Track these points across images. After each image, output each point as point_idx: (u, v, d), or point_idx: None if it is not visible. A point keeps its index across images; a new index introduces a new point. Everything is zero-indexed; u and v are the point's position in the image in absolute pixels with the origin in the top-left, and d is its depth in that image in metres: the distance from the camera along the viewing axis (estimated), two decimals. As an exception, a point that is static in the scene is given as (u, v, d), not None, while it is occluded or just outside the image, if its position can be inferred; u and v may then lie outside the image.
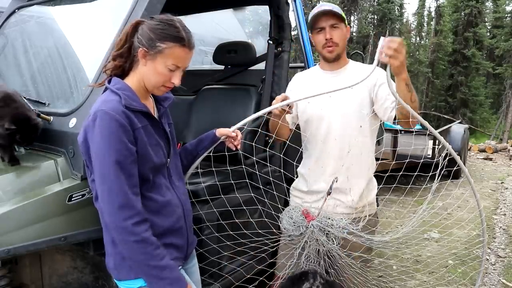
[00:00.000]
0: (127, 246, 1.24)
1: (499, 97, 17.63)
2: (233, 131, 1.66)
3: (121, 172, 1.22)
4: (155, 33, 1.29)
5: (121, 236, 1.23)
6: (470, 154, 9.86)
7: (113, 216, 1.23)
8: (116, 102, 1.27)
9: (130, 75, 1.37)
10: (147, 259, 1.24)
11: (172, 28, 1.30)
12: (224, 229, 1.93)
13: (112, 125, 1.22)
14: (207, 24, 3.20)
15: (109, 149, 1.22)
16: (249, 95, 2.50)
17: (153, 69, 1.31)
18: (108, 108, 1.24)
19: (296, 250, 1.85)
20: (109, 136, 1.22)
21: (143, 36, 1.30)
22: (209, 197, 1.89)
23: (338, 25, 1.84)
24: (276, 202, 2.06)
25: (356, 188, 1.90)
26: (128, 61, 1.36)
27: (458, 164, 1.63)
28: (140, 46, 1.30)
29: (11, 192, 1.49)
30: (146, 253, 1.24)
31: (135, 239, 1.22)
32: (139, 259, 1.24)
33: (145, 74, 1.34)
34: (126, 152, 1.24)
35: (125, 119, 1.25)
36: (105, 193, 1.23)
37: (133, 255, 1.25)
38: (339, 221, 1.80)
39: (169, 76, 1.33)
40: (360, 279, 1.87)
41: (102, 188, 1.23)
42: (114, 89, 1.31)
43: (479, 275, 1.84)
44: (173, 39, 1.29)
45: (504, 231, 4.67)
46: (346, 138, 1.86)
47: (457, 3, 17.90)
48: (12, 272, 1.78)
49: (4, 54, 2.37)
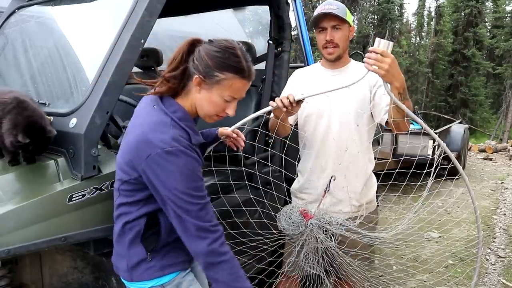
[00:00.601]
0: (214, 268, 1.24)
1: (499, 97, 17.62)
2: (233, 131, 1.66)
3: (197, 203, 1.22)
4: (214, 61, 1.21)
5: (207, 259, 1.23)
6: (470, 154, 9.86)
7: (199, 241, 1.23)
8: (187, 139, 1.23)
9: (182, 96, 1.31)
10: (234, 280, 1.25)
11: (233, 57, 1.22)
12: (224, 229, 1.93)
13: (189, 163, 1.20)
14: (207, 24, 3.20)
15: (186, 186, 1.19)
16: (249, 95, 2.49)
17: (208, 98, 1.25)
18: (184, 146, 1.20)
19: (295, 248, 1.85)
20: (187, 175, 1.20)
21: (200, 61, 1.22)
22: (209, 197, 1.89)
23: (340, 26, 1.85)
24: (276, 202, 2.06)
25: (354, 186, 1.90)
26: (181, 83, 1.29)
27: (452, 161, 1.64)
28: (196, 72, 1.23)
29: (11, 192, 1.49)
30: (232, 273, 1.25)
31: (224, 259, 1.24)
32: (226, 279, 1.24)
33: (198, 101, 1.28)
34: (202, 187, 1.25)
35: (196, 154, 1.24)
36: (188, 226, 1.22)
37: (219, 277, 1.24)
38: (336, 218, 1.81)
39: (223, 107, 1.28)
40: (359, 277, 1.87)
41: (180, 222, 1.22)
42: (176, 118, 1.25)
43: (475, 271, 1.85)
44: (233, 71, 1.22)
45: (504, 231, 4.66)
46: (344, 136, 1.86)
47: (457, 3, 17.88)
48: (12, 272, 1.78)
49: (4, 54, 2.37)
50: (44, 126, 1.54)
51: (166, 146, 1.17)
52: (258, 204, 2.05)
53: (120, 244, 1.37)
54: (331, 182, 1.84)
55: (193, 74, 1.24)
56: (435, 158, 1.67)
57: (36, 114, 1.55)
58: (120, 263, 1.39)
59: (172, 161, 1.17)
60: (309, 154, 1.96)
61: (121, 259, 1.38)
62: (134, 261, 1.34)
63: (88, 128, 1.53)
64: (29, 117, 1.53)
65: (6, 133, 1.51)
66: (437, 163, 1.68)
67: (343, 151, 1.86)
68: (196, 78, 1.23)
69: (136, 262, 1.34)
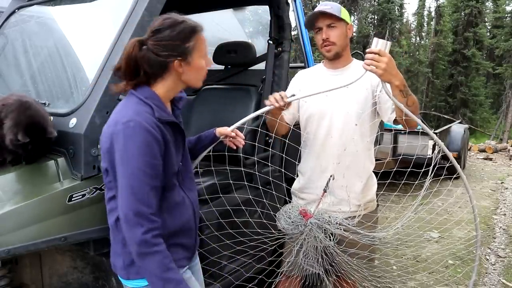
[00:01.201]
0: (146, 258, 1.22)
1: (499, 97, 17.61)
2: (232, 131, 1.66)
3: (147, 184, 1.22)
4: (178, 38, 1.27)
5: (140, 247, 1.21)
6: (470, 154, 9.86)
7: (134, 227, 1.21)
8: (149, 114, 1.25)
9: (157, 85, 1.34)
10: (164, 271, 1.23)
11: (183, 25, 1.29)
12: (224, 229, 1.93)
13: (147, 138, 1.21)
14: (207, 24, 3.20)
15: (140, 160, 1.20)
16: (249, 95, 2.50)
17: (194, 68, 1.33)
18: (143, 119, 1.22)
19: (294, 248, 1.86)
20: (143, 148, 1.20)
21: (166, 48, 1.27)
22: (209, 197, 1.89)
23: (335, 24, 1.85)
24: (276, 202, 2.06)
25: (355, 186, 1.90)
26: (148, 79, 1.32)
27: (450, 160, 1.65)
28: (171, 59, 1.28)
29: (11, 192, 1.49)
30: (163, 265, 1.23)
31: (155, 250, 1.22)
32: (156, 272, 1.23)
33: (186, 78, 1.34)
34: (156, 166, 1.24)
35: (159, 133, 1.24)
36: (131, 201, 1.21)
37: (151, 267, 1.23)
38: (336, 217, 1.81)
39: (205, 64, 1.37)
40: (358, 276, 1.88)
41: (128, 198, 1.21)
42: (144, 98, 1.29)
43: (474, 270, 1.86)
44: (192, 32, 1.30)
45: (504, 231, 4.66)
46: (344, 136, 1.87)
47: (457, 3, 17.88)
48: (12, 272, 1.78)
49: (4, 54, 2.37)
50: (45, 127, 1.54)
51: (126, 120, 1.22)
52: (258, 204, 2.05)
53: (116, 241, 1.37)
54: (329, 181, 1.84)
55: (169, 63, 1.28)
56: (433, 157, 1.68)
57: (38, 115, 1.56)
58: (117, 261, 1.38)
59: (130, 135, 1.20)
60: (310, 154, 1.96)
61: (118, 256, 1.37)
62: (131, 259, 1.32)
63: (88, 128, 1.53)
64: (31, 117, 1.53)
65: (7, 131, 1.51)
66: (435, 162, 1.69)
67: (343, 151, 1.86)
68: (176, 62, 1.29)
69: (133, 260, 1.32)
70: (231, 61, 2.72)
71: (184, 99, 1.50)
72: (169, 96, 1.39)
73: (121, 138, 1.21)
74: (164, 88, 1.34)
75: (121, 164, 1.22)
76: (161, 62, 1.28)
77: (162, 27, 1.28)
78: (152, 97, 1.30)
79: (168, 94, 1.37)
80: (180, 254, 1.39)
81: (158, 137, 1.24)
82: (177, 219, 1.38)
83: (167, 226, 1.33)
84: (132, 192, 1.21)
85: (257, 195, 2.05)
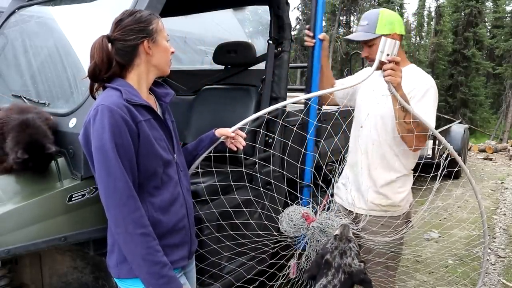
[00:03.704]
0: (132, 239, 1.22)
1: (499, 97, 17.62)
2: (233, 131, 1.66)
3: (123, 165, 1.22)
4: (141, 20, 1.34)
5: (128, 227, 1.22)
6: (470, 154, 9.86)
7: (119, 208, 1.22)
8: (116, 97, 1.27)
9: (129, 75, 1.36)
10: (150, 253, 1.23)
11: (141, 11, 1.37)
12: (224, 230, 1.93)
13: (113, 119, 1.22)
14: (207, 24, 3.21)
15: (111, 142, 1.21)
16: (249, 95, 2.50)
17: (160, 49, 1.37)
18: (109, 102, 1.24)
19: (297, 251, 1.85)
20: (111, 130, 1.21)
21: (134, 32, 1.32)
22: (209, 197, 1.89)
23: (372, 42, 1.88)
24: (276, 202, 2.06)
25: (374, 186, 1.89)
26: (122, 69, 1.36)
27: (460, 165, 1.64)
28: (139, 40, 1.32)
29: (11, 192, 1.49)
30: (149, 247, 1.23)
31: (143, 232, 1.22)
32: (142, 253, 1.23)
33: (155, 61, 1.37)
34: (128, 146, 1.24)
35: (127, 113, 1.25)
36: (110, 185, 1.22)
37: (137, 249, 1.23)
38: (338, 221, 1.80)
39: (169, 47, 1.42)
40: None
41: (106, 180, 1.22)
42: (115, 86, 1.31)
43: (480, 276, 1.84)
44: (152, 16, 1.37)
45: (504, 231, 4.67)
46: (372, 136, 1.88)
47: (457, 3, 17.89)
48: (12, 272, 1.78)
49: (4, 54, 2.37)
50: (44, 144, 1.55)
51: (97, 106, 1.25)
52: (258, 205, 2.05)
53: (111, 238, 1.35)
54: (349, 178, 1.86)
55: (138, 46, 1.33)
56: (442, 161, 1.67)
57: (37, 132, 1.57)
58: (110, 258, 1.37)
59: (99, 118, 1.22)
60: (350, 143, 2.05)
61: (111, 254, 1.36)
62: (123, 256, 1.30)
63: (88, 128, 1.53)
64: (30, 135, 1.55)
65: (9, 151, 1.53)
66: (444, 165, 1.68)
67: (369, 148, 1.88)
68: (144, 43, 1.33)
69: (125, 257, 1.30)
70: (231, 61, 2.72)
71: (170, 95, 1.49)
72: (143, 84, 1.39)
73: (92, 125, 1.24)
74: (136, 76, 1.36)
75: (98, 151, 1.23)
76: (130, 47, 1.32)
77: (123, 16, 1.35)
78: (123, 85, 1.32)
79: (142, 82, 1.38)
80: (173, 256, 1.36)
81: (126, 116, 1.24)
82: (171, 217, 1.36)
83: (161, 225, 1.32)
84: (116, 178, 1.22)
85: (257, 196, 2.04)
